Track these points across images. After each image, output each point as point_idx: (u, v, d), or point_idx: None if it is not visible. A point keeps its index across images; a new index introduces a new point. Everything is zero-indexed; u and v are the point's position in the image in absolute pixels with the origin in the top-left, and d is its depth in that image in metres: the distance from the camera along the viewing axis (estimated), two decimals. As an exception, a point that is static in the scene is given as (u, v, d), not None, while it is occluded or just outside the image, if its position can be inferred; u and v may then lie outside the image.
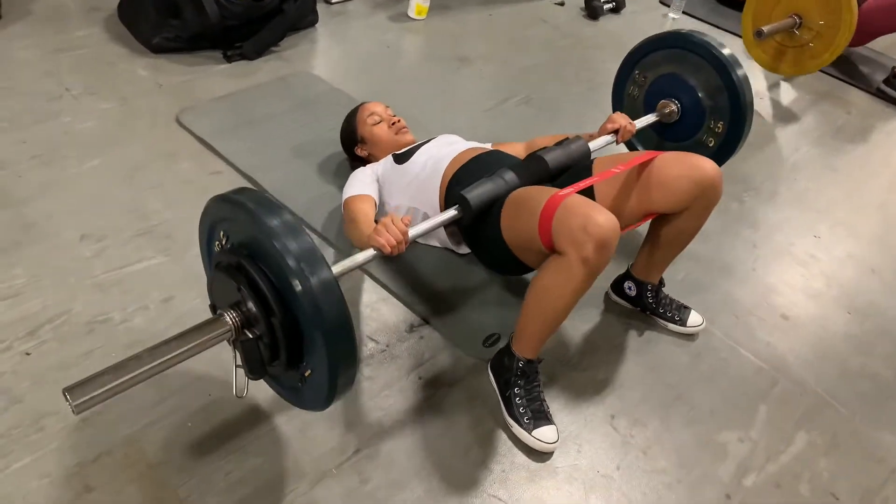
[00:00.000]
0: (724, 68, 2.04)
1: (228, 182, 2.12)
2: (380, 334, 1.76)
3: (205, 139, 2.23)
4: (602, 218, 1.38)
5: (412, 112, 2.63)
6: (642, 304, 1.92)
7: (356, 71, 2.86)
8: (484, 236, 1.69)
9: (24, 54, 2.48)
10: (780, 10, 3.10)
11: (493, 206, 1.64)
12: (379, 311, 1.82)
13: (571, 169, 1.78)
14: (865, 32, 3.50)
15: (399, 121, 2.10)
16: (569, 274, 1.41)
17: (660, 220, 1.75)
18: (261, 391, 1.52)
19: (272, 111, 2.44)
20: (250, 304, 1.21)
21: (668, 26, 3.86)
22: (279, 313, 1.19)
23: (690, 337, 1.93)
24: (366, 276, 1.91)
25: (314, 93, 2.58)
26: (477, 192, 1.62)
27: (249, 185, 2.10)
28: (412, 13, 3.28)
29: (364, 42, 3.08)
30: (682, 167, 1.64)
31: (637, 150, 2.39)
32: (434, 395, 1.64)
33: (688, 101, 2.12)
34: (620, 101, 2.34)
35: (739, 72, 2.05)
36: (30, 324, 1.62)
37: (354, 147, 2.14)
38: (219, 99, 2.44)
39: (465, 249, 1.94)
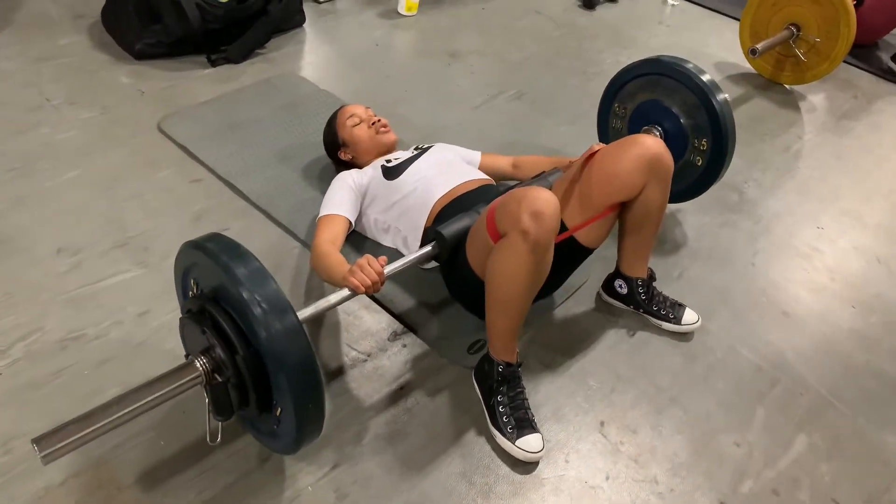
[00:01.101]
0: (695, 86, 2.00)
1: (208, 190, 2.08)
2: (361, 343, 1.71)
3: (186, 146, 2.19)
4: (537, 192, 1.39)
5: (400, 110, 2.58)
6: (634, 301, 1.85)
7: (344, 71, 2.81)
8: (455, 267, 1.67)
9: (3, 65, 2.45)
10: (778, 19, 2.99)
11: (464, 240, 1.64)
12: (361, 318, 1.77)
13: None
14: (869, 31, 3.39)
15: (379, 120, 2.05)
16: (513, 251, 1.40)
17: (624, 206, 1.72)
18: (235, 406, 1.49)
19: (256, 115, 2.39)
20: (219, 350, 1.22)
21: (667, 13, 3.77)
22: (245, 357, 1.19)
23: (685, 336, 1.86)
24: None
25: (299, 95, 2.53)
26: (453, 229, 1.64)
27: (231, 192, 2.08)
28: (402, 9, 3.22)
29: (352, 41, 3.02)
30: (624, 150, 1.65)
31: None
32: (416, 405, 1.59)
33: (669, 124, 2.08)
34: (606, 137, 2.29)
35: (714, 90, 2.00)
36: (1, 342, 1.58)
37: (337, 151, 2.08)
38: (201, 104, 2.40)
39: (431, 264, 1.90)
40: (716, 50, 3.37)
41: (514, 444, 1.49)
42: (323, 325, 1.74)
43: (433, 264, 1.85)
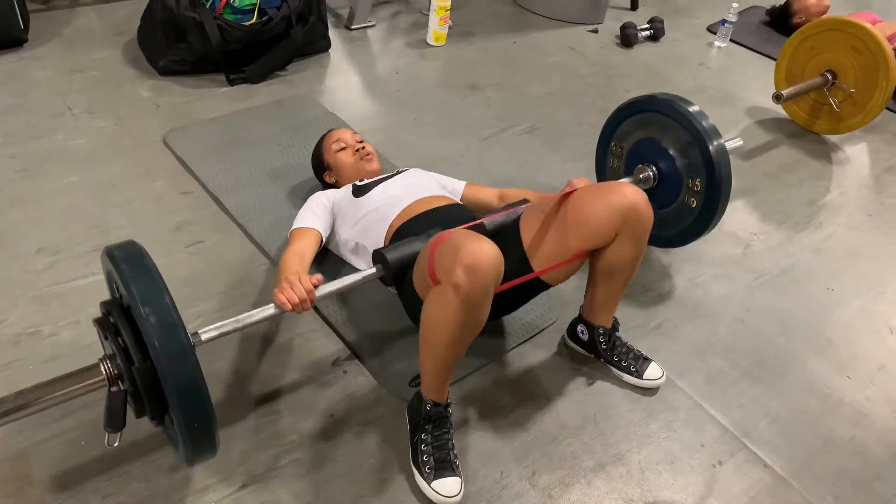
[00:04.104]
0: (688, 123, 1.92)
1: (196, 202, 2.14)
2: (303, 365, 1.70)
3: (183, 159, 2.27)
4: (476, 244, 1.31)
5: (406, 138, 2.59)
6: (595, 349, 1.77)
7: (359, 96, 2.86)
8: (405, 294, 1.65)
9: (40, 74, 2.62)
10: (815, 64, 2.82)
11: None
12: (309, 341, 1.77)
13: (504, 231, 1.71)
14: None
15: (364, 147, 2.06)
16: (443, 302, 1.33)
17: (594, 254, 1.63)
18: (159, 415, 1.50)
19: (260, 134, 2.46)
20: (118, 359, 1.24)
21: (711, 55, 3.65)
22: (140, 369, 1.21)
23: (649, 391, 1.75)
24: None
25: (307, 117, 2.59)
26: (399, 253, 1.61)
27: (217, 207, 2.13)
28: (430, 39, 3.25)
29: (374, 68, 3.07)
30: (600, 196, 1.55)
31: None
32: (342, 434, 1.56)
33: (663, 163, 2.01)
34: (604, 176, 2.24)
35: (707, 127, 1.91)
36: (-38, 331, 1.67)
37: (323, 174, 2.12)
38: (209, 120, 2.49)
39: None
40: (754, 94, 3.22)
41: (429, 485, 1.44)
42: (271, 343, 1.75)
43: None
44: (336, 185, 2.09)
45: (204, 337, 1.34)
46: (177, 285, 1.43)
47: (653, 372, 1.74)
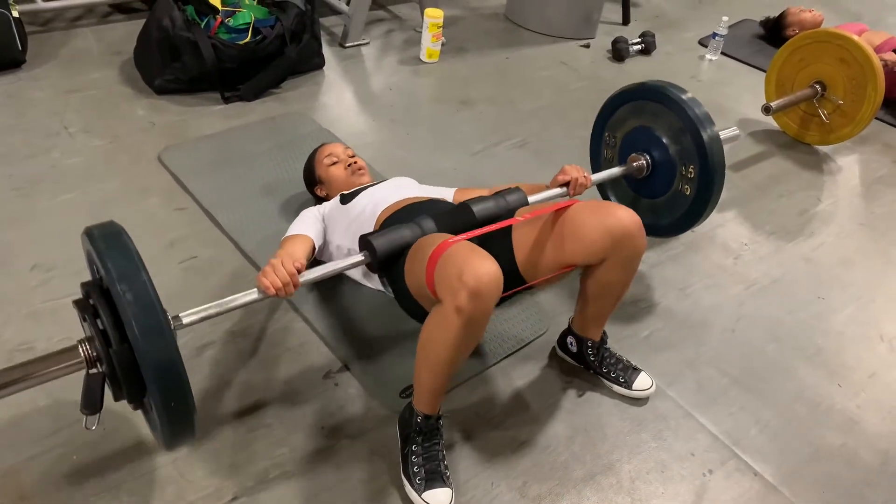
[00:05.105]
0: (679, 109, 1.92)
1: (189, 218, 2.16)
2: (293, 379, 1.71)
3: (178, 176, 2.30)
4: (481, 266, 1.29)
5: (399, 153, 2.62)
6: (584, 361, 1.78)
7: (353, 112, 2.89)
8: (395, 283, 1.64)
9: (37, 94, 2.66)
10: (804, 76, 2.85)
11: (404, 253, 1.59)
12: (301, 354, 1.78)
13: (497, 219, 1.70)
14: None
15: (355, 162, 2.09)
16: (445, 323, 1.32)
17: (586, 272, 1.63)
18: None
19: (253, 150, 2.48)
20: (96, 341, 1.23)
21: (703, 68, 3.68)
22: (117, 351, 1.19)
23: (638, 401, 1.76)
24: (299, 317, 1.88)
25: (300, 133, 2.61)
26: (386, 238, 1.58)
27: (210, 222, 2.15)
28: (423, 56, 3.29)
29: (368, 84, 3.10)
30: (595, 216, 1.52)
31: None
32: (333, 446, 1.57)
33: (657, 152, 2.02)
34: (598, 168, 2.26)
35: (699, 112, 1.91)
36: (-44, 347, 1.68)
37: (314, 187, 2.14)
38: (203, 138, 2.51)
39: (374, 282, 1.89)
40: (746, 106, 3.25)
41: (420, 496, 1.44)
42: (263, 355, 1.76)
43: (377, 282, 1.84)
44: (327, 199, 2.11)
45: (186, 320, 1.33)
46: (170, 300, 1.44)
47: (642, 382, 1.75)
